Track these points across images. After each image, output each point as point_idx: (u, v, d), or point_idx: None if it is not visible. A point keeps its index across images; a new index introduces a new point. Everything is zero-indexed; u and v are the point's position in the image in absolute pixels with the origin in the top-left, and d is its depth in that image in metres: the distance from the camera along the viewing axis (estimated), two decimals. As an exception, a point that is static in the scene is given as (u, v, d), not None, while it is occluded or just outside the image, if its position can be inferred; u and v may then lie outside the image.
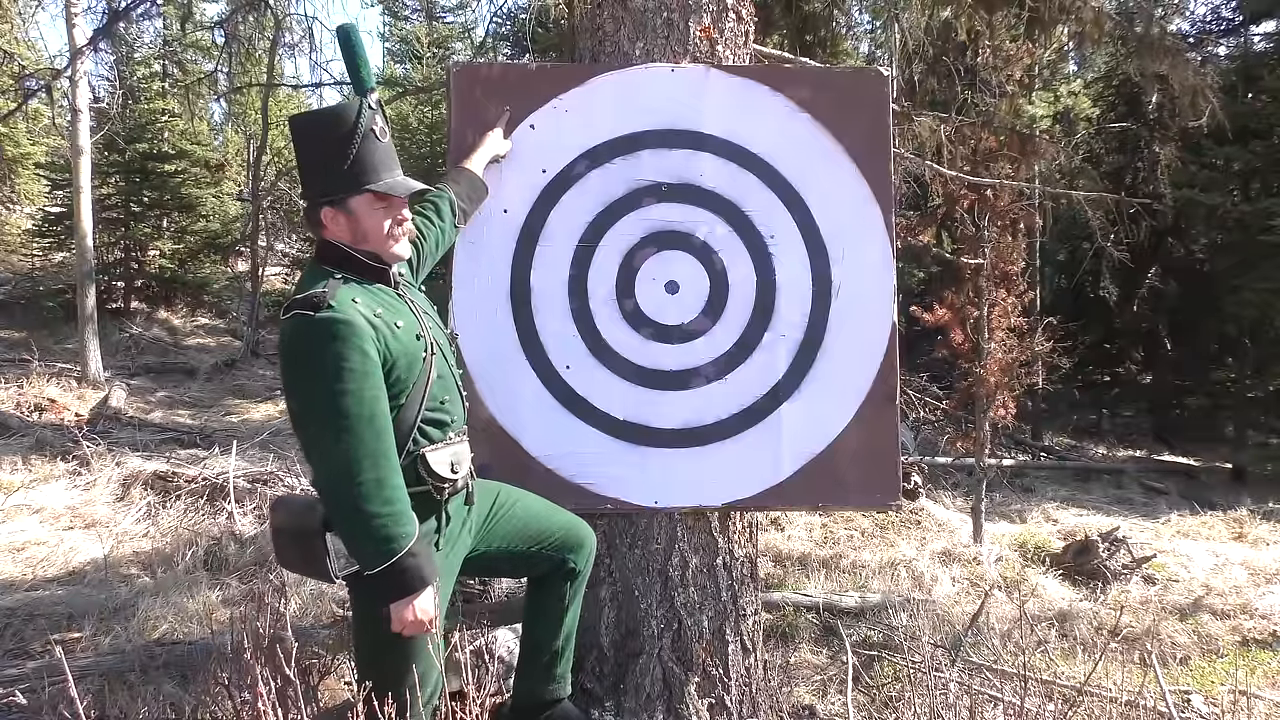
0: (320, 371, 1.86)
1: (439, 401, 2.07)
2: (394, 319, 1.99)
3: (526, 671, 2.41)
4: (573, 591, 2.39)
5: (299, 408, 1.92)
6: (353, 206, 2.00)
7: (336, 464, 1.85)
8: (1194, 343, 13.40)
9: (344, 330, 1.86)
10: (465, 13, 19.79)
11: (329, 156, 1.99)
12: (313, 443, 1.91)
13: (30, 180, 15.33)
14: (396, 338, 1.97)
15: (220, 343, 13.97)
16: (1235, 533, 7.47)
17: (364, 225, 2.01)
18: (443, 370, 2.10)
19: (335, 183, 1.99)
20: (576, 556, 2.36)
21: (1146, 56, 6.53)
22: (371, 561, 1.86)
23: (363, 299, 1.95)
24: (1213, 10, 14.43)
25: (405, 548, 1.86)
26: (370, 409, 1.87)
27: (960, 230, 6.58)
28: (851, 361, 2.76)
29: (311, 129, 2.03)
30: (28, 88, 9.88)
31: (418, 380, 2.01)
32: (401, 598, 1.88)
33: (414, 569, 1.88)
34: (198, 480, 5.94)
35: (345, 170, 1.98)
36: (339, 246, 2.03)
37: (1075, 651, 4.13)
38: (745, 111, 2.77)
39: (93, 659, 3.27)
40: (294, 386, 1.93)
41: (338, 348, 1.85)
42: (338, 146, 1.97)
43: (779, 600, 4.42)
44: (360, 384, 1.86)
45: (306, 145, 2.04)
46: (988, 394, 6.26)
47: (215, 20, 7.88)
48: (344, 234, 2.02)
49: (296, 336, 1.90)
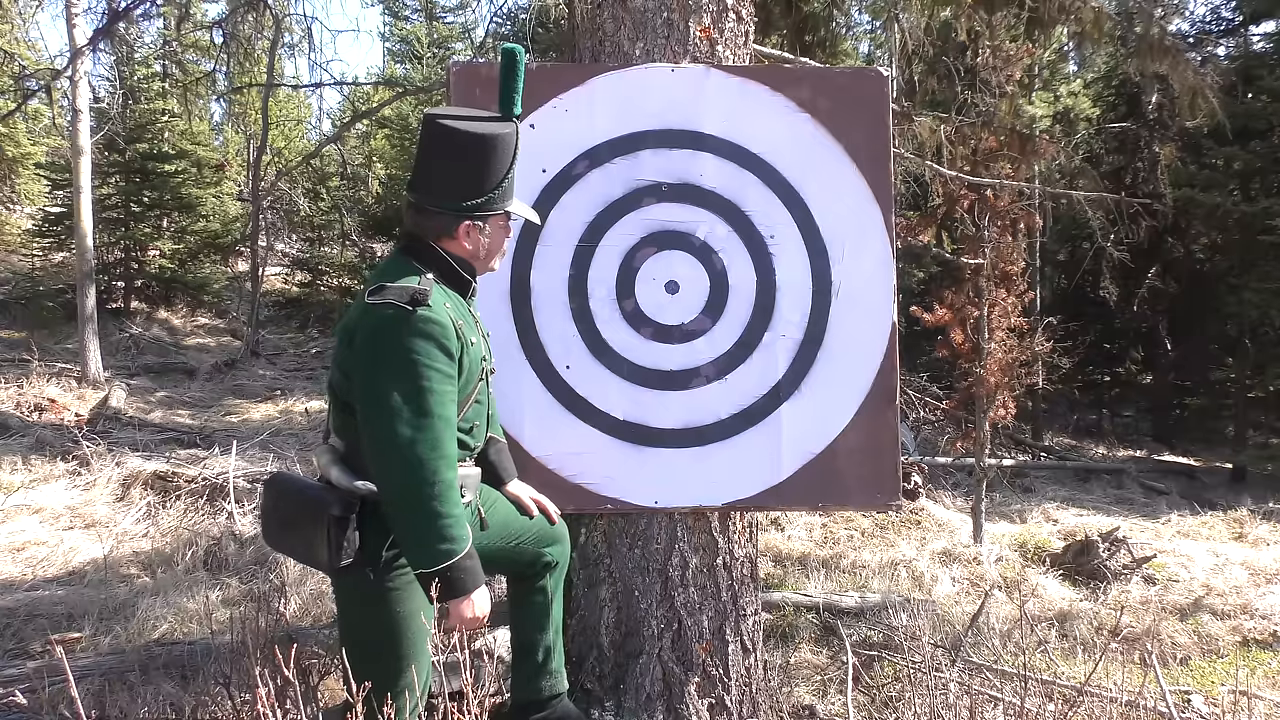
0: (411, 367, 1.89)
1: (470, 425, 2.11)
2: (470, 334, 2.04)
3: (521, 672, 2.42)
4: (553, 585, 2.40)
5: (378, 398, 1.90)
6: (489, 226, 2.09)
7: (414, 461, 1.87)
8: (1194, 343, 13.41)
9: (438, 331, 1.91)
10: (465, 13, 19.82)
11: (484, 177, 2.04)
12: (387, 436, 1.89)
13: (30, 180, 15.34)
14: (468, 351, 2.01)
15: (220, 343, 13.96)
16: (1235, 533, 7.47)
17: (492, 244, 2.12)
18: (482, 396, 2.15)
19: (486, 203, 2.05)
20: (553, 550, 2.38)
21: (1146, 56, 6.53)
22: (435, 560, 1.89)
23: (451, 305, 2.00)
24: (1213, 10, 14.46)
25: (465, 549, 1.91)
26: (448, 410, 1.93)
27: (960, 230, 6.59)
28: (851, 361, 2.76)
29: (470, 143, 2.02)
30: (28, 88, 9.87)
31: (467, 398, 2.06)
32: (459, 596, 1.92)
33: (472, 570, 1.94)
34: (198, 480, 5.95)
35: (497, 192, 2.06)
36: (436, 250, 2.06)
37: (1075, 651, 4.13)
38: (745, 111, 2.77)
39: (93, 659, 3.27)
40: (377, 377, 1.91)
41: (430, 347, 1.90)
42: (496, 168, 2.04)
43: (779, 600, 4.42)
44: (445, 386, 1.92)
45: (460, 158, 2.03)
46: (988, 394, 6.26)
47: (214, 20, 7.87)
48: (471, 247, 2.08)
49: (389, 328, 1.90)
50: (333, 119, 19.28)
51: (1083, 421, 14.01)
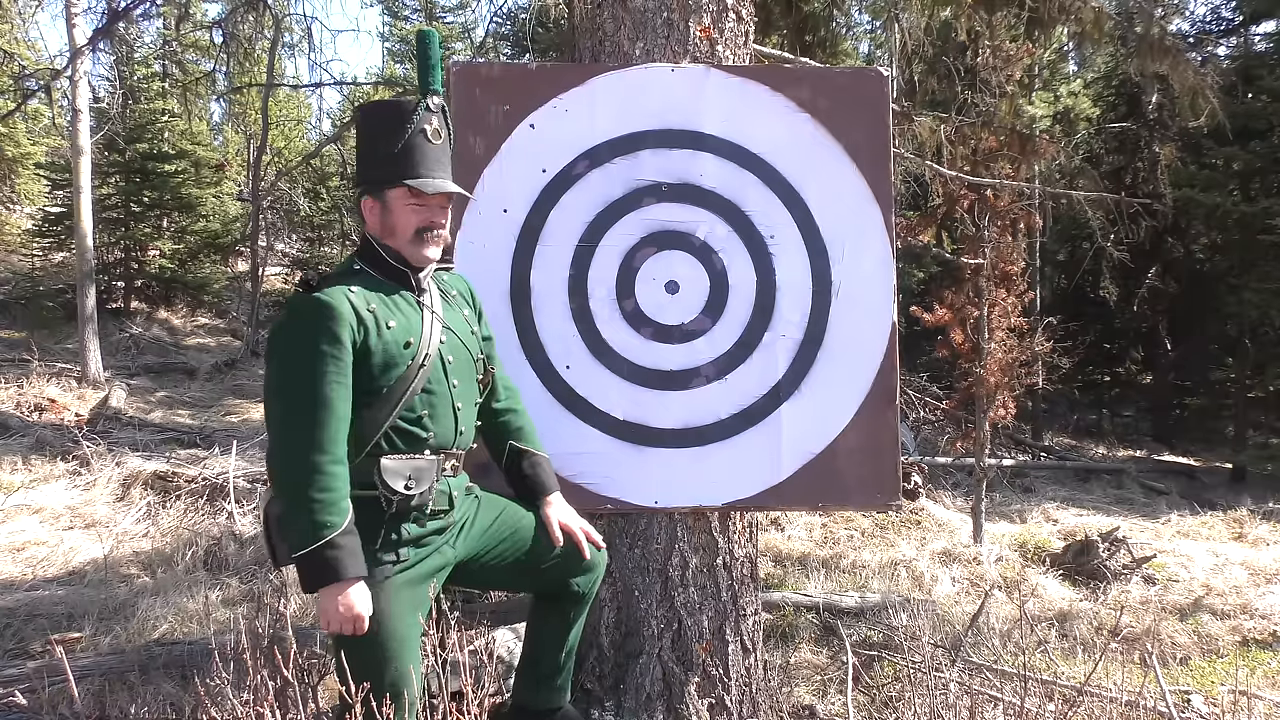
0: (290, 347, 1.95)
1: (416, 415, 2.02)
2: (387, 317, 1.99)
3: (525, 679, 2.39)
4: (576, 613, 2.33)
5: (267, 380, 1.98)
6: (388, 199, 2.04)
7: (285, 440, 1.91)
8: (1194, 343, 13.41)
9: (323, 311, 1.91)
10: (465, 13, 19.79)
11: (377, 147, 2.06)
12: (269, 419, 1.97)
13: (30, 180, 15.33)
14: (380, 335, 1.96)
15: (220, 343, 13.96)
16: (1235, 533, 7.47)
17: (394, 219, 2.04)
18: (436, 386, 2.05)
19: (376, 173, 2.06)
20: (582, 580, 2.29)
21: (1147, 56, 6.54)
22: (296, 543, 1.86)
23: (362, 290, 1.98)
24: (1213, 10, 14.46)
25: (328, 537, 1.83)
26: (328, 393, 1.89)
27: (960, 230, 6.59)
28: (851, 361, 2.76)
29: (369, 118, 2.12)
30: (28, 88, 9.88)
31: (394, 385, 1.98)
32: (320, 587, 1.86)
33: (334, 559, 1.84)
34: (198, 480, 5.94)
35: (387, 162, 2.02)
36: (372, 244, 2.07)
37: (1075, 651, 4.13)
38: (745, 111, 2.77)
39: (93, 659, 3.27)
40: (268, 359, 2.00)
41: (310, 328, 1.91)
42: (386, 138, 2.02)
43: (779, 600, 4.41)
44: (326, 367, 1.89)
45: (362, 133, 2.13)
46: (988, 394, 6.26)
47: (214, 20, 7.88)
48: (376, 226, 2.07)
49: (283, 312, 2.01)
50: (333, 119, 19.27)
51: (1083, 421, 14.01)
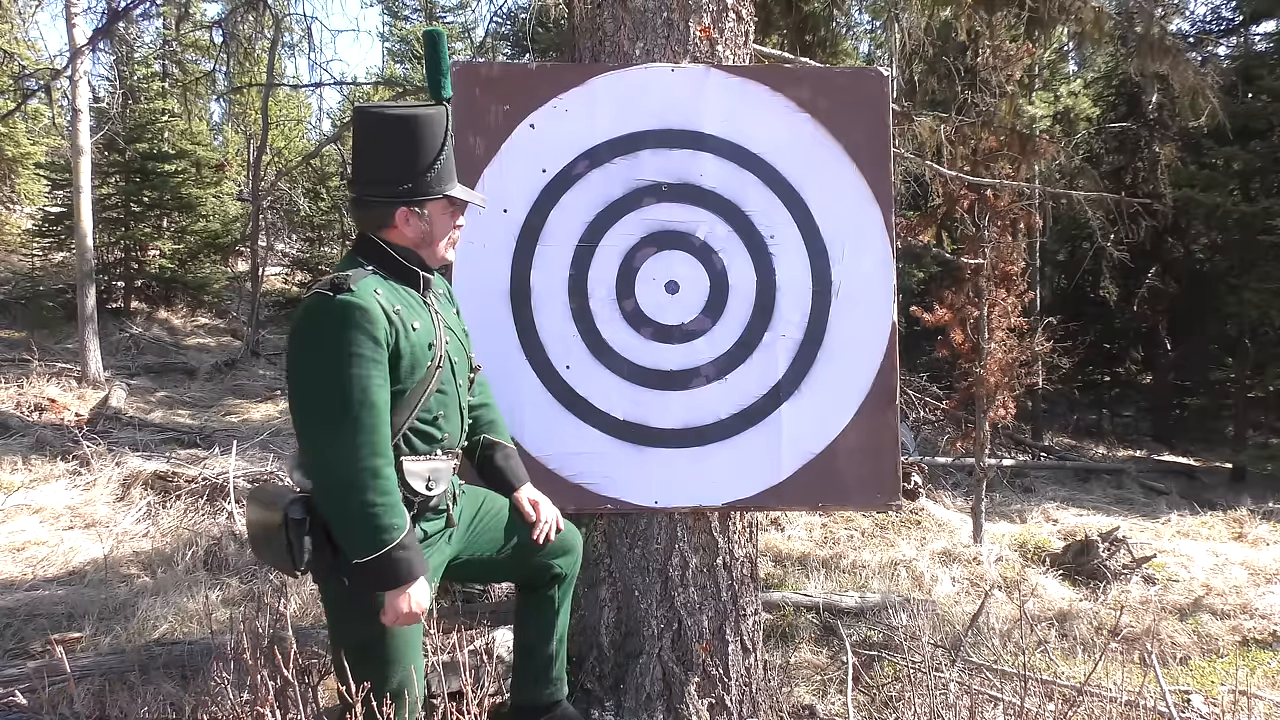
0: (330, 353, 1.86)
1: (432, 415, 2.05)
2: (411, 319, 1.99)
3: (521, 676, 2.41)
4: (560, 596, 2.36)
5: (302, 386, 1.90)
6: (430, 211, 2.04)
7: (336, 448, 1.84)
8: (1194, 343, 13.41)
9: (359, 315, 1.87)
10: (465, 13, 19.79)
11: (413, 160, 2.01)
12: (311, 425, 1.89)
13: (30, 180, 15.33)
14: (408, 337, 1.97)
15: (220, 343, 13.96)
16: (1235, 533, 7.47)
17: (435, 230, 2.06)
18: (447, 386, 2.08)
19: (419, 187, 2.02)
20: (562, 561, 2.33)
21: (1147, 56, 6.54)
22: (364, 550, 1.85)
23: (385, 292, 1.96)
24: (1213, 10, 14.47)
25: (397, 539, 1.86)
26: (375, 397, 1.87)
27: (960, 230, 6.59)
28: (851, 361, 2.76)
29: (396, 129, 2.01)
30: (28, 88, 9.88)
31: (416, 387, 2.00)
32: (393, 588, 1.87)
33: (405, 560, 1.87)
34: (198, 480, 5.94)
35: (430, 176, 2.02)
36: (378, 243, 2.04)
37: (1075, 651, 4.13)
38: (745, 111, 2.77)
39: (93, 659, 3.27)
40: (299, 364, 1.90)
41: (351, 332, 1.86)
42: (425, 152, 2.01)
43: (779, 600, 4.41)
44: (369, 370, 1.87)
45: (387, 144, 2.02)
46: (988, 394, 6.26)
47: (214, 20, 7.88)
48: (412, 235, 2.05)
49: (311, 314, 1.90)
50: (333, 119, 19.28)
51: (1083, 421, 14.01)
